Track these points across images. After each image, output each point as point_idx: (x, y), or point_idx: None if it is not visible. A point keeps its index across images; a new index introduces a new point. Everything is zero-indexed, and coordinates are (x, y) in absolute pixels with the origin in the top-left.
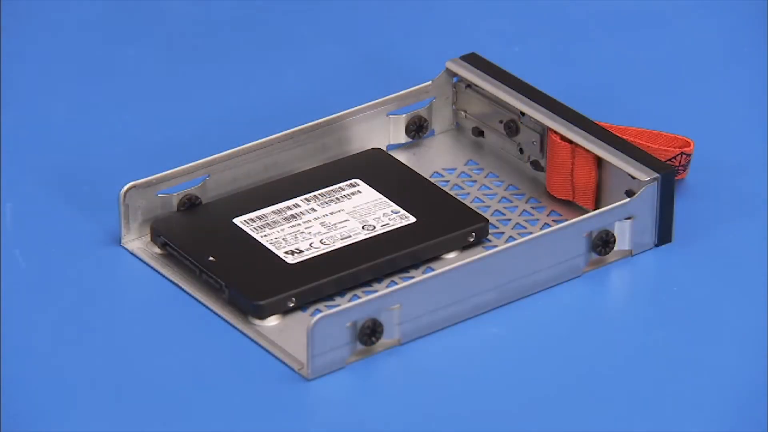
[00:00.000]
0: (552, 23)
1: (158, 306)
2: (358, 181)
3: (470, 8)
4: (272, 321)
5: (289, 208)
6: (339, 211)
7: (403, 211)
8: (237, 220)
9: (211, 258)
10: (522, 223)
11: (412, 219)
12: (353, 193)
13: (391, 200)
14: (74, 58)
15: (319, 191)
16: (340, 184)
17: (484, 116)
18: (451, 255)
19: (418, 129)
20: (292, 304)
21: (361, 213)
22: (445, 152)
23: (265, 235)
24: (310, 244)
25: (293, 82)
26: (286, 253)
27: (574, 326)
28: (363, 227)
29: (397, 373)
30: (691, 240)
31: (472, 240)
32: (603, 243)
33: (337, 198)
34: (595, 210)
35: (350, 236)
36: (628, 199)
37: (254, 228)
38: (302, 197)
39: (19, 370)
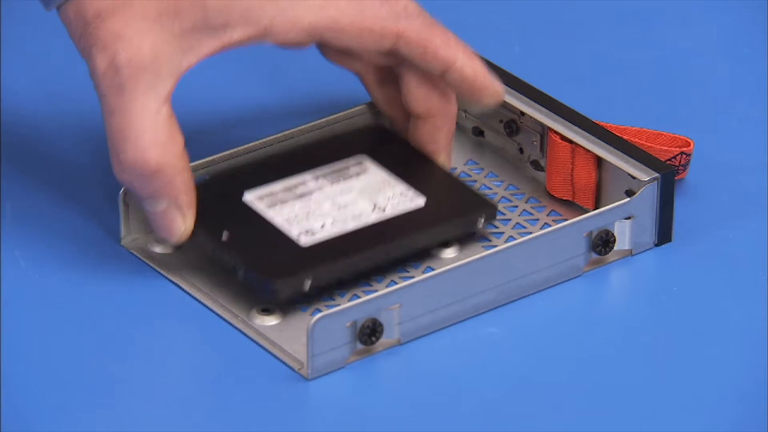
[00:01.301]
0: (552, 23)
1: (158, 306)
2: (363, 157)
3: (470, 8)
4: (272, 320)
5: (298, 185)
6: (348, 190)
7: (411, 192)
8: (247, 198)
9: (224, 238)
10: (522, 223)
11: (422, 200)
12: (360, 172)
13: (398, 179)
14: (74, 58)
15: (327, 168)
16: (346, 162)
17: (484, 116)
18: (452, 251)
19: None
20: (307, 287)
21: (370, 192)
22: None
23: (276, 214)
24: (322, 225)
25: (294, 81)
26: (299, 233)
27: (574, 326)
28: (373, 208)
29: (397, 373)
30: (691, 240)
31: (480, 226)
32: (603, 243)
33: (345, 176)
34: (595, 210)
35: (361, 216)
36: (628, 198)
37: (265, 206)
38: (310, 174)
39: (19, 370)
